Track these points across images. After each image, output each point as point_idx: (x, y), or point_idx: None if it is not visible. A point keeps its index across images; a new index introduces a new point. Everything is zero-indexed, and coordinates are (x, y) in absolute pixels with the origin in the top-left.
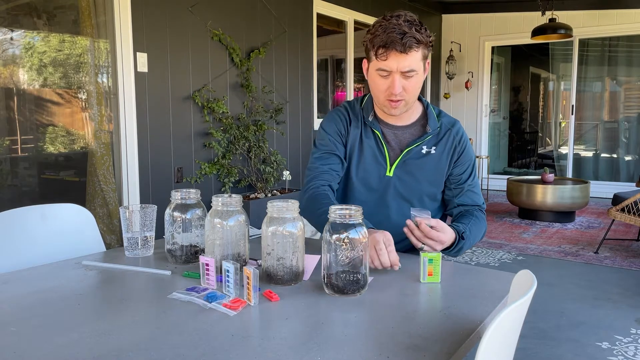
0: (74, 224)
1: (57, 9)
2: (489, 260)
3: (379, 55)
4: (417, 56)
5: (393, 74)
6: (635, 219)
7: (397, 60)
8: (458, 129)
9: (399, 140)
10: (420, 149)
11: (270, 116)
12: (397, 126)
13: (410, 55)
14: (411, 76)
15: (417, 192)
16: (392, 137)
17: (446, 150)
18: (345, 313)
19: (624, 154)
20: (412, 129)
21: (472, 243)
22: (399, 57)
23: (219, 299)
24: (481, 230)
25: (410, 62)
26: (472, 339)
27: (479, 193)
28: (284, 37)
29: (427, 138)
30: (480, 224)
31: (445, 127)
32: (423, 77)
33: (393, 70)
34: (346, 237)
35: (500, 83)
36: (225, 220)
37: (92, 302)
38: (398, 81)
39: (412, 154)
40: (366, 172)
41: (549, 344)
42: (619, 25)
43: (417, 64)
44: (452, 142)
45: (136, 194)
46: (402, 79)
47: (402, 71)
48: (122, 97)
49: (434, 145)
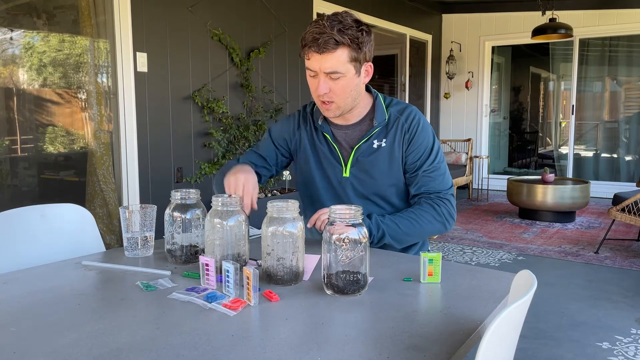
0: (74, 224)
1: (57, 8)
2: (489, 260)
3: (303, 54)
4: (342, 57)
5: (319, 74)
6: (635, 219)
7: (318, 60)
8: (408, 115)
9: (349, 139)
10: (371, 144)
11: (270, 116)
12: (346, 125)
13: (330, 56)
14: (337, 78)
15: (376, 189)
16: (343, 137)
17: (397, 139)
18: (345, 313)
19: (624, 154)
20: (360, 125)
21: (401, 233)
22: (318, 58)
23: (219, 299)
24: (421, 220)
25: (332, 64)
26: (472, 339)
27: (439, 178)
28: (284, 37)
29: (375, 131)
30: (422, 212)
31: (394, 116)
32: (356, 80)
33: (317, 70)
34: (346, 237)
35: (501, 83)
36: (225, 220)
37: (91, 302)
38: (323, 82)
39: (362, 150)
40: (325, 176)
41: (549, 344)
42: (619, 25)
43: (342, 66)
44: (401, 129)
45: (136, 194)
46: (327, 80)
47: (324, 72)
48: (121, 97)
49: (384, 137)
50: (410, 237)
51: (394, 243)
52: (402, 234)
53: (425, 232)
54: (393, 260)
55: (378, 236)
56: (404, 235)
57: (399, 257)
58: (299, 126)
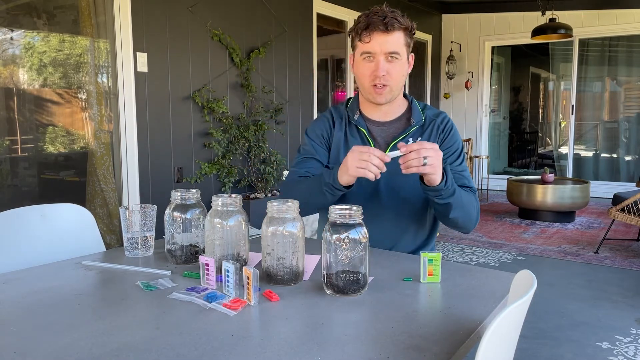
0: (74, 224)
1: (57, 9)
2: (489, 260)
3: (362, 38)
4: (400, 39)
5: (377, 56)
6: (635, 219)
7: (380, 41)
8: (443, 118)
9: (385, 135)
10: (407, 141)
11: (270, 116)
12: (382, 122)
13: (393, 36)
14: (395, 59)
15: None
16: (379, 133)
17: (432, 139)
18: (345, 313)
19: (624, 154)
20: (397, 123)
21: (461, 201)
22: (381, 38)
23: (219, 299)
24: (471, 200)
25: (393, 44)
26: (472, 339)
27: (468, 177)
28: (284, 37)
29: (412, 130)
30: (469, 194)
31: (430, 118)
32: (407, 68)
33: (377, 52)
34: (346, 237)
35: (500, 83)
36: (225, 220)
37: (92, 302)
38: (382, 63)
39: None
40: None
41: (549, 344)
42: (619, 25)
43: (401, 48)
44: (436, 130)
45: (136, 194)
46: (385, 62)
47: (385, 52)
48: (122, 97)
49: (419, 136)
50: (463, 208)
51: (454, 204)
52: (461, 200)
53: (469, 212)
54: (393, 260)
55: (452, 189)
56: (461, 202)
57: (399, 257)
58: (334, 123)
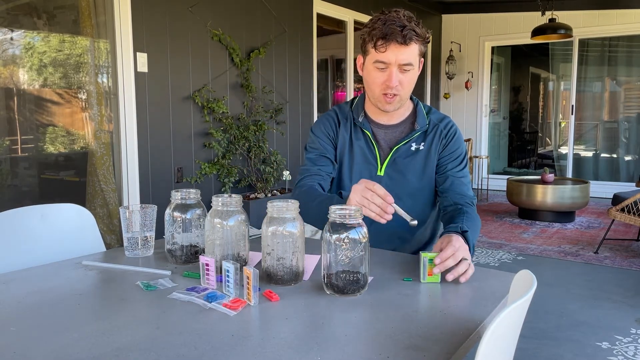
0: (74, 224)
1: (57, 9)
2: (489, 260)
3: (378, 47)
4: (415, 50)
5: (391, 66)
6: (635, 219)
7: (396, 52)
8: (447, 123)
9: (388, 139)
10: (410, 146)
11: (270, 116)
12: (387, 125)
13: (410, 48)
14: (408, 70)
15: (407, 189)
16: (382, 136)
17: (434, 144)
18: (345, 313)
19: (623, 154)
20: (401, 127)
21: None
22: (398, 49)
23: (219, 299)
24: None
25: (409, 56)
26: (472, 339)
27: (468, 185)
28: (284, 37)
29: (416, 135)
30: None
31: (434, 123)
32: (417, 74)
33: (391, 62)
34: (346, 237)
35: (500, 83)
36: (225, 220)
37: (92, 302)
38: (395, 74)
39: (401, 152)
40: (357, 173)
41: (549, 344)
42: (619, 25)
43: (415, 59)
44: (439, 135)
45: (136, 194)
46: (398, 73)
47: (400, 64)
48: (122, 97)
49: (422, 141)
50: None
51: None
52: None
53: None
54: (393, 260)
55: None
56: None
57: (399, 257)
58: (339, 122)
